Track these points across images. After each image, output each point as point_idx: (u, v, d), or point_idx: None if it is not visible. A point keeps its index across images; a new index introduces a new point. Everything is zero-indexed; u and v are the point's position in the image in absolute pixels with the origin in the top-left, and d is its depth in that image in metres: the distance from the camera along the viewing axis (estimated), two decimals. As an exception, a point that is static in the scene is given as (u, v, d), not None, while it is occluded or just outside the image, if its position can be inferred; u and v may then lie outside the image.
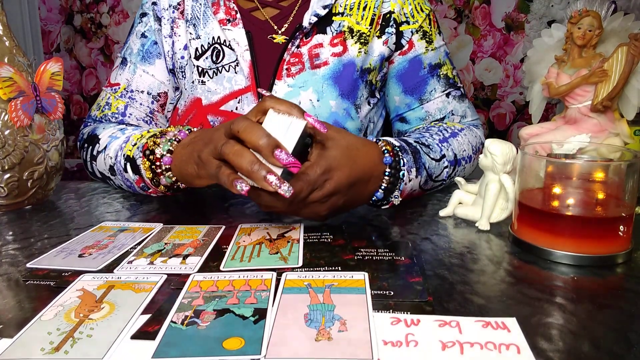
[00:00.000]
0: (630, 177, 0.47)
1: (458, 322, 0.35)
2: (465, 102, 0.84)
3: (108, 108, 0.81)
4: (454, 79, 0.83)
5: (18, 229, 0.59)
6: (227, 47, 0.77)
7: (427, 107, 0.81)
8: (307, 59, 0.76)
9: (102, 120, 0.82)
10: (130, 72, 0.81)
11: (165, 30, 0.80)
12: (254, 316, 0.36)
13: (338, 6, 0.78)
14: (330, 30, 0.77)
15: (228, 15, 0.77)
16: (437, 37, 0.83)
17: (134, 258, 0.48)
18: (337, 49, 0.77)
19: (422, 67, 0.81)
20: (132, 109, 0.81)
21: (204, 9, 0.78)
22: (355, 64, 0.77)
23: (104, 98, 0.83)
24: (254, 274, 0.44)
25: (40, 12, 3.02)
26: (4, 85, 0.62)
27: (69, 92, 3.09)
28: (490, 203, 0.55)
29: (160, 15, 0.81)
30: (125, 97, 0.81)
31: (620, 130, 0.60)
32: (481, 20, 2.78)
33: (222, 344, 0.33)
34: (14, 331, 0.35)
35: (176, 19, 0.80)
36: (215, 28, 0.77)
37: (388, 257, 0.48)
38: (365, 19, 0.77)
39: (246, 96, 0.75)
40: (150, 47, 0.81)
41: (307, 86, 0.75)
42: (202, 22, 0.78)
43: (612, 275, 0.45)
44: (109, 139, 0.71)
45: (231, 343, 0.33)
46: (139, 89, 0.81)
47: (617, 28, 0.62)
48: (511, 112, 2.87)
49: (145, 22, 0.82)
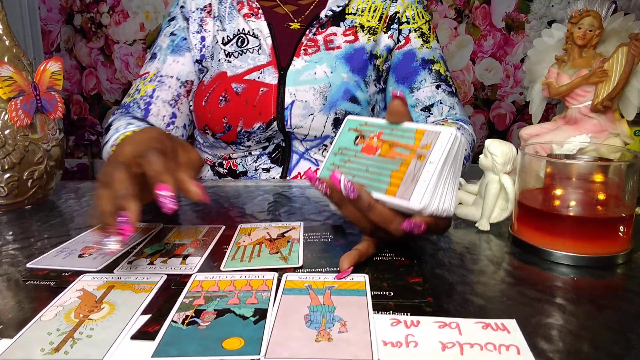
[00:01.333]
0: (630, 178, 0.47)
1: (458, 324, 0.35)
2: (454, 98, 0.88)
3: (137, 92, 0.87)
4: (446, 77, 0.89)
5: (18, 229, 0.59)
6: (251, 35, 0.85)
7: (416, 94, 0.86)
8: (322, 43, 0.85)
9: (130, 105, 0.86)
10: (160, 62, 0.87)
11: (193, 27, 0.88)
12: (254, 316, 0.36)
13: (351, 8, 0.87)
14: (343, 24, 0.86)
15: (251, 11, 0.86)
16: (434, 41, 0.90)
17: (134, 258, 0.48)
18: (349, 38, 0.85)
19: (415, 59, 0.88)
20: (159, 91, 0.86)
21: (229, 10, 0.88)
22: (365, 48, 0.85)
23: (134, 87, 0.89)
24: (255, 274, 0.44)
25: (40, 12, 3.02)
26: (4, 85, 0.62)
27: (69, 92, 3.09)
28: (490, 203, 0.55)
29: (188, 16, 0.88)
30: (155, 80, 0.86)
31: (620, 130, 0.60)
32: (481, 20, 2.78)
33: (221, 343, 0.33)
34: (13, 331, 0.35)
35: (204, 18, 0.88)
36: (240, 22, 0.86)
37: (388, 257, 0.48)
38: (374, 17, 0.87)
39: (267, 69, 0.83)
40: (180, 42, 0.88)
41: (321, 62, 0.83)
42: (228, 19, 0.87)
43: (612, 276, 0.45)
44: (114, 132, 0.75)
45: (231, 343, 0.33)
46: (168, 74, 0.87)
47: (617, 28, 0.62)
48: (511, 112, 2.87)
49: (174, 24, 0.89)
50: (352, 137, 0.49)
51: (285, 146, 0.86)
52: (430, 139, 0.43)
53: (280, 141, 0.86)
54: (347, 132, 0.50)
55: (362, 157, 0.47)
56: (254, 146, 0.86)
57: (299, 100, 0.81)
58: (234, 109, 0.82)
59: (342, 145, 0.49)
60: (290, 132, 0.84)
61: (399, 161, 0.44)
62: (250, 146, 0.86)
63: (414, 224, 0.42)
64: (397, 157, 0.44)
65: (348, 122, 0.51)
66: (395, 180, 0.43)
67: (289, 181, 0.82)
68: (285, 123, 0.82)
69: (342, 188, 0.42)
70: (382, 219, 0.43)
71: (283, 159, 0.87)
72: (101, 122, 3.11)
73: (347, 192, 0.42)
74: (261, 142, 0.86)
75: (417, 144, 0.44)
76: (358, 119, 0.50)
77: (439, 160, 0.41)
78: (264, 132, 0.83)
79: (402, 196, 0.42)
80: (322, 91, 0.81)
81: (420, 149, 0.43)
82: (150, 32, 2.94)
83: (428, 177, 0.41)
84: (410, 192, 0.41)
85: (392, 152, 0.45)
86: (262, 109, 0.82)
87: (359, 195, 0.42)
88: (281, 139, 0.86)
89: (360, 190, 0.42)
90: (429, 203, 0.41)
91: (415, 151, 0.43)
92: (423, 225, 0.42)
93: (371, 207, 0.43)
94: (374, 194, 0.43)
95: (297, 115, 0.82)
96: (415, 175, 0.42)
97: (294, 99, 0.81)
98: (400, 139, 0.45)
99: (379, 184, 0.44)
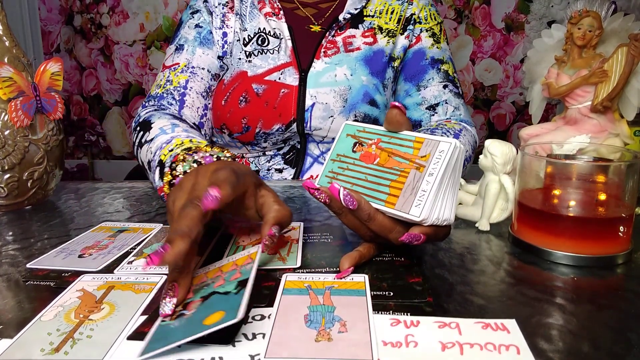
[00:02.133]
0: (630, 178, 0.47)
1: (458, 323, 0.35)
2: (460, 99, 0.88)
3: (170, 83, 0.84)
4: (454, 78, 0.89)
5: (18, 229, 0.59)
6: (271, 35, 0.85)
7: (423, 93, 0.87)
8: (342, 44, 0.85)
9: (163, 96, 0.83)
10: (189, 54, 0.86)
11: (216, 23, 0.87)
12: (236, 288, 0.36)
13: (368, 10, 0.88)
14: (362, 26, 0.87)
15: (273, 10, 0.86)
16: (444, 43, 0.91)
17: (134, 258, 0.48)
18: (368, 40, 0.86)
19: (425, 58, 0.88)
20: (192, 82, 0.84)
21: (250, 9, 0.88)
22: (384, 51, 0.86)
23: (162, 78, 0.86)
24: (242, 253, 0.44)
25: (40, 12, 3.02)
26: (4, 85, 0.62)
27: (69, 93, 3.09)
28: (490, 203, 0.55)
29: (212, 10, 0.88)
30: (187, 72, 0.85)
31: (620, 130, 0.60)
32: (481, 21, 2.78)
33: (202, 322, 0.33)
34: (13, 332, 0.35)
35: (226, 14, 0.88)
36: (261, 21, 0.86)
37: (388, 257, 0.48)
38: (392, 20, 0.88)
39: (288, 69, 0.83)
40: (207, 34, 0.87)
41: (341, 64, 0.84)
42: (249, 18, 0.87)
43: (612, 276, 0.45)
44: (159, 131, 0.70)
45: (212, 318, 0.33)
46: (199, 66, 0.85)
47: (617, 28, 0.62)
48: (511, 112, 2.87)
49: (198, 17, 0.88)
50: (350, 144, 0.49)
51: (301, 148, 0.86)
52: (429, 149, 0.43)
53: (296, 143, 0.86)
54: (345, 139, 0.50)
55: (360, 165, 0.47)
56: (269, 147, 0.86)
57: (320, 102, 0.81)
58: (254, 110, 0.82)
59: (340, 152, 0.49)
60: (308, 134, 0.84)
61: (397, 171, 0.44)
62: (266, 147, 0.86)
63: (413, 237, 0.42)
64: (395, 167, 0.44)
65: (346, 127, 0.50)
66: (394, 191, 0.43)
67: (290, 182, 0.82)
68: (305, 125, 0.82)
69: (342, 199, 0.42)
70: (382, 229, 0.43)
71: (297, 160, 0.87)
72: (101, 123, 3.11)
73: (346, 203, 0.42)
74: (277, 143, 0.86)
75: (416, 153, 0.43)
76: (356, 124, 0.50)
77: (439, 171, 0.41)
78: (283, 134, 0.83)
79: (402, 208, 0.42)
80: (342, 93, 0.82)
81: (420, 159, 0.43)
82: (150, 32, 2.94)
83: (428, 188, 0.41)
84: (410, 204, 0.41)
85: (390, 161, 0.45)
86: (283, 110, 0.82)
87: (358, 206, 0.42)
88: (297, 140, 0.86)
89: (360, 201, 0.42)
90: (429, 214, 0.41)
91: (414, 162, 0.43)
92: (422, 237, 0.42)
93: (371, 218, 0.43)
94: (374, 205, 0.43)
95: (317, 117, 0.82)
96: (414, 187, 0.42)
97: (315, 100, 0.81)
98: (399, 147, 0.45)
99: (378, 194, 0.44)
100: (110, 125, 3.10)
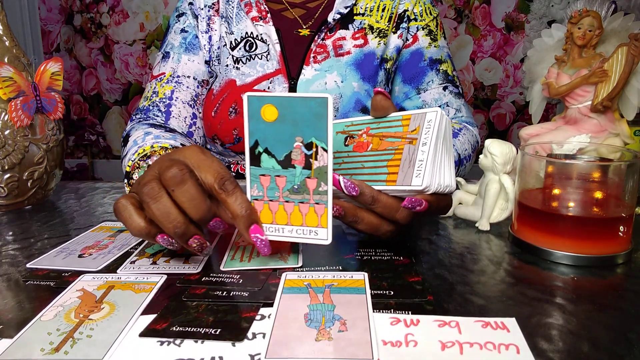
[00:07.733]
0: (630, 178, 0.47)
1: (457, 323, 0.35)
2: (461, 99, 0.87)
3: (155, 95, 0.84)
4: (453, 77, 0.88)
5: (18, 229, 0.59)
6: (259, 40, 0.83)
7: (423, 96, 0.86)
8: (332, 48, 0.83)
9: (150, 108, 0.83)
10: (175, 62, 0.85)
11: (202, 27, 0.86)
12: None
13: (358, 8, 0.85)
14: (352, 27, 0.84)
15: (259, 14, 0.83)
16: (442, 39, 0.89)
17: (137, 258, 0.48)
18: (359, 42, 0.84)
19: (423, 59, 0.86)
20: (178, 92, 0.84)
21: (236, 11, 0.85)
22: (375, 53, 0.84)
23: (150, 89, 0.86)
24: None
25: (40, 12, 3.01)
26: (4, 85, 0.62)
27: (69, 92, 3.09)
28: (490, 203, 0.55)
29: (197, 14, 0.86)
30: (172, 82, 0.84)
31: (620, 130, 0.60)
32: (481, 20, 2.78)
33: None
34: (14, 331, 0.35)
35: (212, 16, 0.86)
36: (247, 25, 0.84)
37: (387, 256, 0.48)
38: (383, 18, 0.85)
39: (277, 78, 0.81)
40: (193, 39, 0.86)
41: (331, 70, 0.82)
42: (235, 21, 0.85)
43: (612, 276, 0.45)
44: (132, 144, 0.71)
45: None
46: (185, 74, 0.84)
47: (617, 28, 0.62)
48: (511, 112, 2.87)
49: (184, 20, 0.87)
50: (341, 140, 0.49)
51: None
52: (417, 122, 0.44)
53: None
54: (335, 136, 0.50)
55: (355, 155, 0.47)
56: None
57: None
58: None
59: (333, 150, 0.49)
60: None
61: (392, 150, 0.44)
62: None
63: (415, 201, 0.42)
64: (389, 148, 0.45)
65: (334, 126, 0.50)
66: (392, 169, 0.43)
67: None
68: None
69: (343, 188, 0.42)
70: (387, 209, 0.44)
71: None
72: (101, 122, 3.11)
73: (348, 191, 0.42)
74: None
75: (406, 129, 0.44)
76: (343, 121, 0.50)
77: (431, 139, 0.42)
78: None
79: (403, 182, 0.42)
80: (333, 102, 0.80)
81: (410, 133, 0.44)
82: (150, 32, 2.94)
83: (424, 157, 0.42)
84: (410, 177, 0.42)
85: (383, 144, 0.45)
86: None
87: (361, 191, 0.43)
88: None
89: (361, 186, 0.43)
90: (431, 181, 0.42)
91: (405, 137, 0.44)
92: (424, 203, 0.42)
93: (375, 200, 0.43)
94: (376, 187, 0.44)
95: None
96: (411, 160, 0.43)
97: None
98: (389, 129, 0.46)
99: (378, 176, 0.44)
100: (110, 125, 3.10)
